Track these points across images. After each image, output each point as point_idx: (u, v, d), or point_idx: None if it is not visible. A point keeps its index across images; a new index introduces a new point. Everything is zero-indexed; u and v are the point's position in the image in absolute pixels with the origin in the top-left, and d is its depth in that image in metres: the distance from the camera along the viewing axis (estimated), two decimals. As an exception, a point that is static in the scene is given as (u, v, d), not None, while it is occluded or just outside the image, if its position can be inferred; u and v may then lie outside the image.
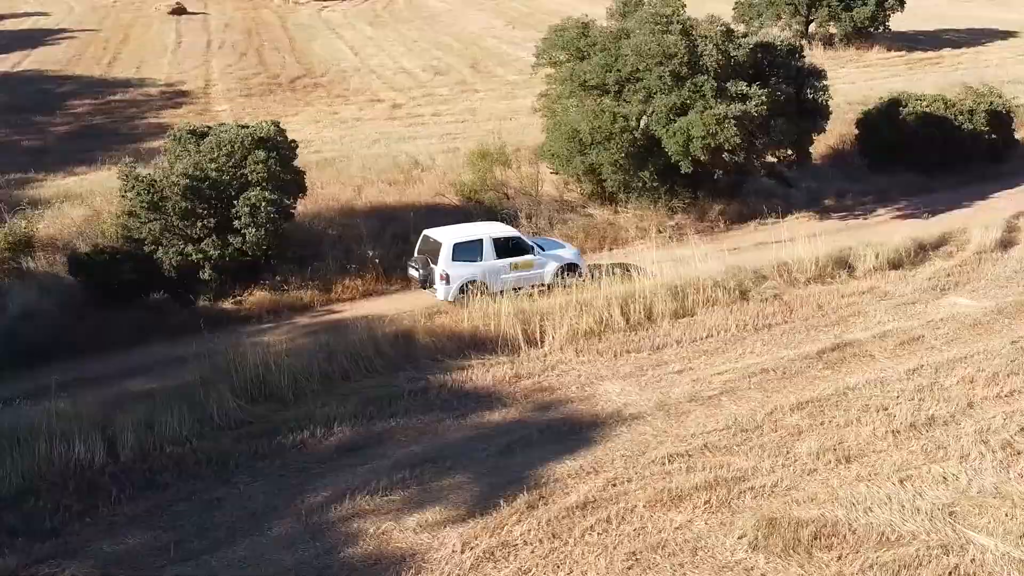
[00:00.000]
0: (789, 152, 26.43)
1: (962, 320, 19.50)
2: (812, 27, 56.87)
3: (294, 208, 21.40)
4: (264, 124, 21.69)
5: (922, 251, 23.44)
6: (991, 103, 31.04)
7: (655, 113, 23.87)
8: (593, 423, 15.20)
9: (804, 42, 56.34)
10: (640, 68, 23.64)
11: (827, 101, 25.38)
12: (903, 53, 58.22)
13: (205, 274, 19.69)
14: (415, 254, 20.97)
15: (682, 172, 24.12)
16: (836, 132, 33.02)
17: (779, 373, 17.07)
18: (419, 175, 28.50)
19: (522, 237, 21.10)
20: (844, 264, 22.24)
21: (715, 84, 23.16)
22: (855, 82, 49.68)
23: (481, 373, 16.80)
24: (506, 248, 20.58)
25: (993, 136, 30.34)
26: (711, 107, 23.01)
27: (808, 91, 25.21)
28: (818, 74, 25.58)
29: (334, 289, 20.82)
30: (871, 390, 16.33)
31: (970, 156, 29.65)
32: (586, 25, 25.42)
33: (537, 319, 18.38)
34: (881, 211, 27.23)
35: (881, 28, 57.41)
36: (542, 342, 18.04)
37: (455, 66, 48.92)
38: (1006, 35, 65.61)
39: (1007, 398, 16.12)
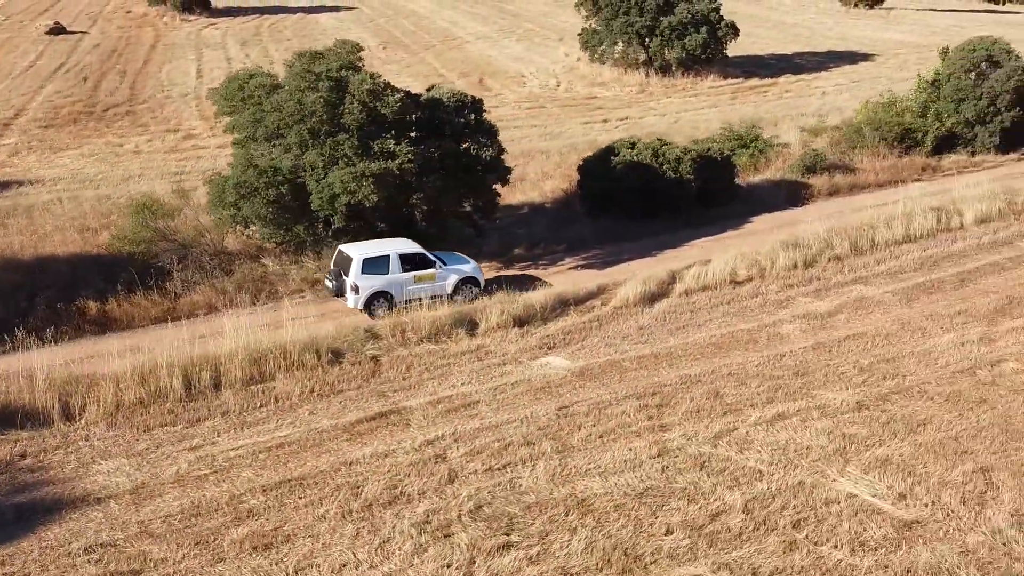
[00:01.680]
0: (479, 202, 26.82)
1: (533, 383, 19.72)
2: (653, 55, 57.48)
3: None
4: None
5: (563, 306, 23.70)
6: (708, 148, 31.55)
7: (308, 168, 24.02)
8: (52, 508, 15.16)
9: (643, 70, 57.46)
10: (281, 125, 23.79)
11: (491, 156, 25.64)
12: (739, 80, 58.66)
13: None
14: (331, 267, 23.81)
15: (334, 226, 24.35)
16: (573, 177, 33.42)
17: (297, 447, 17.16)
18: (114, 221, 28.39)
19: (426, 253, 23.86)
20: (466, 322, 22.42)
21: (356, 142, 23.37)
22: (666, 114, 50.00)
23: (-17, 451, 16.76)
24: (412, 262, 23.53)
25: (706, 183, 30.71)
26: (353, 164, 23.24)
27: (473, 147, 25.52)
28: (486, 131, 25.86)
29: (-73, 354, 20.62)
30: (368, 465, 16.46)
31: (677, 204, 30.01)
32: (252, 76, 25.52)
33: (83, 389, 18.34)
34: (567, 260, 27.42)
35: (718, 56, 58.10)
36: (81, 415, 18.03)
37: (288, 91, 48.69)
38: (861, 58, 66.47)
39: (499, 471, 16.31)
